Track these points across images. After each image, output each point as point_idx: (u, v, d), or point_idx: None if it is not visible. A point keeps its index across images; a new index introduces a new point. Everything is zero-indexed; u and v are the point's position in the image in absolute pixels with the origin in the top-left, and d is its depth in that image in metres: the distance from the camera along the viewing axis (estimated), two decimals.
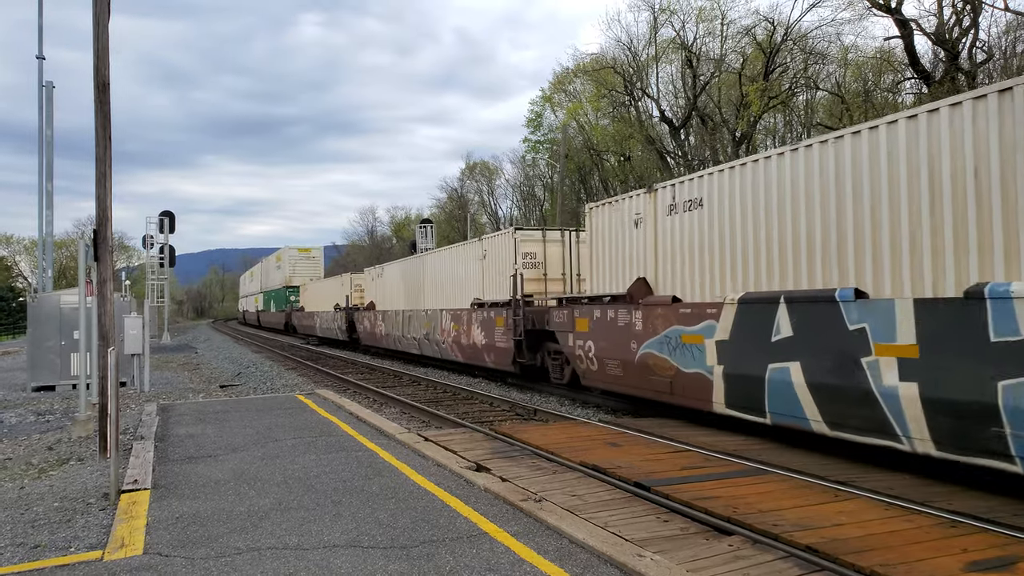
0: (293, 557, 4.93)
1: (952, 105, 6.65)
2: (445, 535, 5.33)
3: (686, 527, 5.62)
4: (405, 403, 13.55)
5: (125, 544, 5.25)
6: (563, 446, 8.51)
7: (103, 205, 8.39)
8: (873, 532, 5.26)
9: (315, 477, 7.19)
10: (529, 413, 12.28)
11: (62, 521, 5.94)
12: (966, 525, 5.39)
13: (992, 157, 6.29)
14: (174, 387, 17.44)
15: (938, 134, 6.77)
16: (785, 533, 5.22)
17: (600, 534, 5.23)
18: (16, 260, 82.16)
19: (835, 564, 4.71)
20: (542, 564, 4.72)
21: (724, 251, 9.51)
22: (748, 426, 9.23)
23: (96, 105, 8.37)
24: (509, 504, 6.05)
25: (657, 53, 39.93)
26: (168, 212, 41.50)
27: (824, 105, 38.34)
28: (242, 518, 5.84)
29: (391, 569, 4.69)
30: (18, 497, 6.83)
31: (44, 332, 16.68)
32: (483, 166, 68.58)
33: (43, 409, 13.83)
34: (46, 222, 22.29)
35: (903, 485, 6.55)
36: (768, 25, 34.41)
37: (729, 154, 35.43)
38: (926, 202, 6.82)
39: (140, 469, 7.47)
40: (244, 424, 10.46)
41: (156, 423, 10.55)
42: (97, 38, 8.40)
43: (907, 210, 7.02)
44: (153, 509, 6.13)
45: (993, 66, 27.99)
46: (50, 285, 22.71)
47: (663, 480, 6.80)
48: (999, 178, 6.24)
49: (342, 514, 5.91)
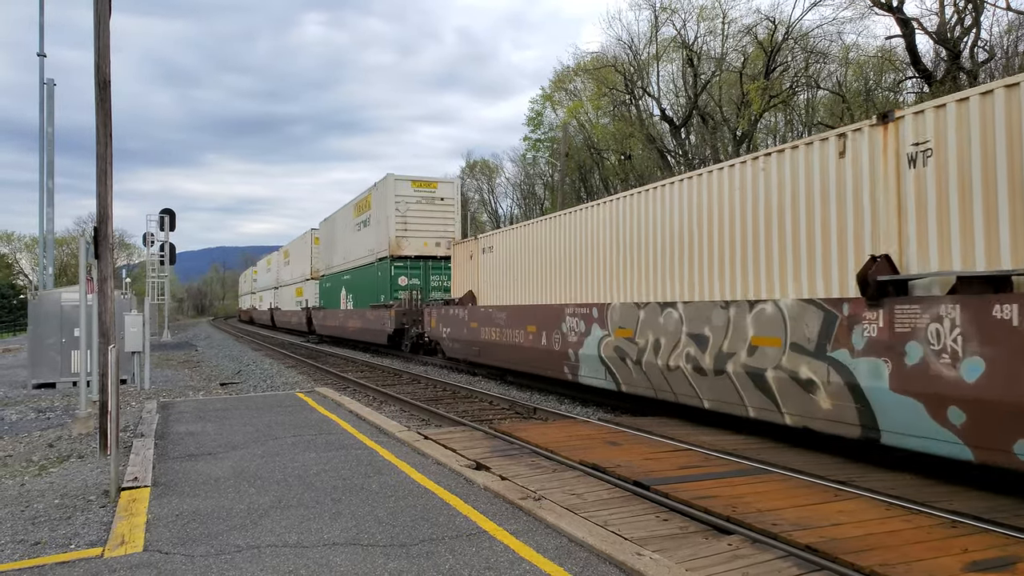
0: (293, 555, 4.94)
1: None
2: (445, 533, 5.33)
3: (685, 526, 5.63)
4: (405, 401, 13.56)
5: (125, 541, 5.26)
6: (562, 445, 8.52)
7: (104, 203, 8.39)
8: (873, 532, 5.26)
9: (315, 475, 7.19)
10: (528, 412, 12.29)
11: (62, 518, 5.94)
12: (966, 525, 5.39)
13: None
14: (174, 385, 17.45)
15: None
16: (784, 532, 5.22)
17: (599, 533, 5.23)
18: (17, 257, 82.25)
19: (834, 564, 4.71)
20: (541, 563, 4.72)
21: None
22: (750, 426, 9.24)
23: (97, 103, 8.37)
24: (508, 502, 6.05)
25: (658, 52, 39.90)
26: (168, 210, 41.36)
27: (825, 104, 38.33)
28: (242, 516, 5.85)
29: (391, 567, 4.69)
30: (19, 494, 6.84)
31: (45, 329, 16.69)
32: (483, 164, 68.54)
33: (44, 406, 13.84)
34: (47, 219, 22.30)
35: (903, 485, 6.55)
36: (769, 24, 34.38)
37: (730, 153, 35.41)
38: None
39: (140, 466, 7.48)
40: (244, 422, 10.47)
41: (156, 420, 10.56)
42: (98, 36, 8.40)
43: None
44: (153, 506, 6.14)
45: (995, 65, 27.96)
46: (51, 282, 22.72)
47: (662, 479, 6.80)
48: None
49: (342, 512, 5.91)
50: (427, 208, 26.06)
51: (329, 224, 36.29)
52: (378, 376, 19.41)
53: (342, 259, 32.66)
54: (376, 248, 27.09)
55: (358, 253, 29.76)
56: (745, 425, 9.31)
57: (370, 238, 27.98)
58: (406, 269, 25.75)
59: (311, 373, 20.92)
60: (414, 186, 25.84)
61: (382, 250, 26.25)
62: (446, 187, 26.84)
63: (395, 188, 25.66)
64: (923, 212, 6.84)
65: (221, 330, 62.03)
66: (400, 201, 25.59)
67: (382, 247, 26.24)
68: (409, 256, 25.67)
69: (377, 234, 26.88)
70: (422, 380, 17.65)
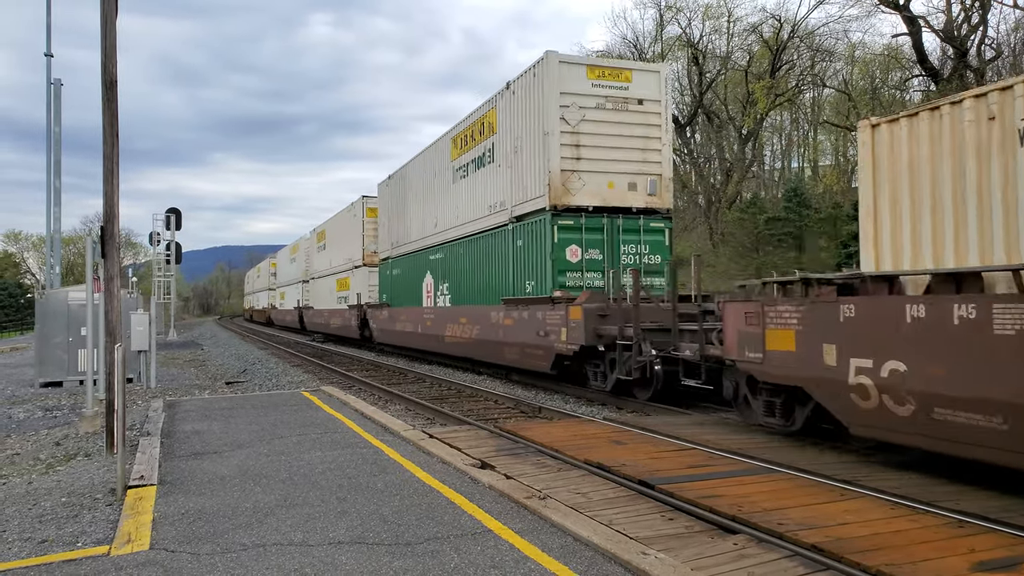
0: (298, 553, 4.95)
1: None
2: (450, 532, 5.33)
3: (691, 525, 5.62)
4: (410, 400, 13.57)
5: (132, 539, 5.28)
6: (567, 444, 8.51)
7: (110, 202, 8.42)
8: (879, 532, 5.23)
9: (320, 474, 7.20)
10: (533, 411, 12.29)
11: (69, 516, 5.97)
12: (973, 525, 5.36)
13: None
14: (180, 383, 17.51)
15: None
16: (790, 532, 5.21)
17: (604, 532, 5.22)
18: (24, 257, 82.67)
19: (840, 563, 4.70)
20: (546, 562, 4.72)
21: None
22: (752, 426, 9.22)
23: (104, 102, 8.40)
24: (514, 501, 6.05)
25: (663, 50, 39.84)
26: (175, 209, 41.49)
27: (831, 103, 38.22)
28: (247, 514, 5.86)
29: (396, 566, 4.70)
30: (26, 492, 6.87)
31: (52, 328, 16.77)
32: None
33: (51, 405, 13.91)
34: (54, 219, 22.38)
35: (910, 485, 6.53)
36: (775, 22, 34.31)
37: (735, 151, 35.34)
38: None
39: (146, 465, 7.50)
40: (250, 420, 10.50)
41: (162, 419, 10.59)
42: (105, 36, 8.42)
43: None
44: (159, 505, 6.16)
45: (1002, 63, 27.82)
46: (58, 282, 22.80)
47: (668, 478, 6.79)
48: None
49: (347, 511, 5.92)
50: (614, 118, 14.81)
51: (396, 185, 25.69)
52: (383, 375, 19.44)
53: (431, 227, 21.61)
54: (512, 197, 16.09)
55: (467, 214, 18.84)
56: (749, 425, 9.28)
57: (495, 184, 17.02)
58: (577, 231, 14.56)
59: (316, 372, 20.96)
60: (591, 76, 14.73)
61: (530, 200, 15.22)
62: (645, 80, 15.18)
63: (560, 79, 14.49)
64: None
65: (227, 329, 62.22)
66: (570, 106, 14.46)
67: (531, 193, 15.18)
68: (583, 208, 14.55)
69: (514, 173, 15.97)
70: (427, 379, 17.67)
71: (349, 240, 32.31)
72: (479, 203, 18.06)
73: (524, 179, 15.51)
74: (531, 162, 15.20)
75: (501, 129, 16.73)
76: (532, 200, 15.13)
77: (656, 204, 15.03)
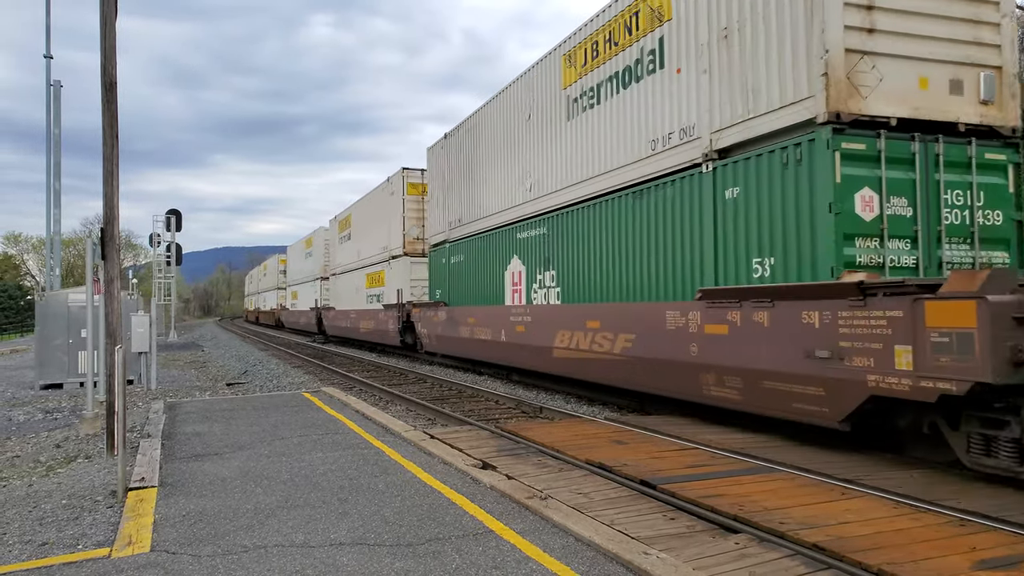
0: (300, 555, 4.95)
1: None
2: (451, 533, 5.33)
3: (692, 525, 5.61)
4: (411, 401, 13.57)
5: (132, 541, 5.28)
6: (569, 444, 8.51)
7: (110, 203, 8.42)
8: (880, 530, 5.23)
9: (321, 475, 7.20)
10: (535, 411, 12.28)
11: (70, 518, 5.97)
12: (974, 524, 5.36)
13: None
14: (181, 385, 17.51)
15: None
16: (791, 531, 5.20)
17: (606, 532, 5.22)
18: (24, 258, 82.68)
19: (842, 562, 4.70)
20: (548, 562, 4.71)
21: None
22: (754, 423, 9.21)
23: (103, 104, 8.40)
24: (515, 502, 6.05)
25: None
26: (175, 210, 41.42)
27: None
28: (249, 516, 5.86)
29: (397, 567, 4.69)
30: (26, 494, 6.87)
31: (52, 330, 16.77)
32: None
33: (51, 407, 13.90)
34: (54, 220, 22.41)
35: (911, 484, 6.53)
36: None
37: None
38: None
39: (147, 467, 7.50)
40: (250, 422, 10.50)
41: (163, 421, 10.59)
42: (104, 37, 8.42)
43: None
44: (160, 507, 6.16)
45: None
46: (58, 283, 22.81)
47: (669, 478, 6.79)
48: None
49: (348, 512, 5.92)
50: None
51: (459, 143, 19.64)
52: (384, 376, 19.43)
53: (522, 193, 15.72)
54: (716, 117, 9.84)
55: (598, 163, 12.76)
56: (750, 424, 9.27)
57: (670, 103, 10.80)
58: (872, 163, 8.24)
59: (317, 373, 20.96)
60: None
61: (772, 111, 8.85)
62: None
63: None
64: None
65: (227, 330, 62.24)
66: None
67: (774, 97, 8.83)
68: (884, 120, 8.23)
69: (723, 73, 9.71)
70: (428, 380, 17.66)
71: (384, 225, 26.42)
72: (628, 140, 11.76)
73: (752, 76, 9.16)
74: (772, 42, 8.87)
75: (683, 9, 10.42)
76: (776, 112, 8.77)
77: (995, 119, 8.84)
